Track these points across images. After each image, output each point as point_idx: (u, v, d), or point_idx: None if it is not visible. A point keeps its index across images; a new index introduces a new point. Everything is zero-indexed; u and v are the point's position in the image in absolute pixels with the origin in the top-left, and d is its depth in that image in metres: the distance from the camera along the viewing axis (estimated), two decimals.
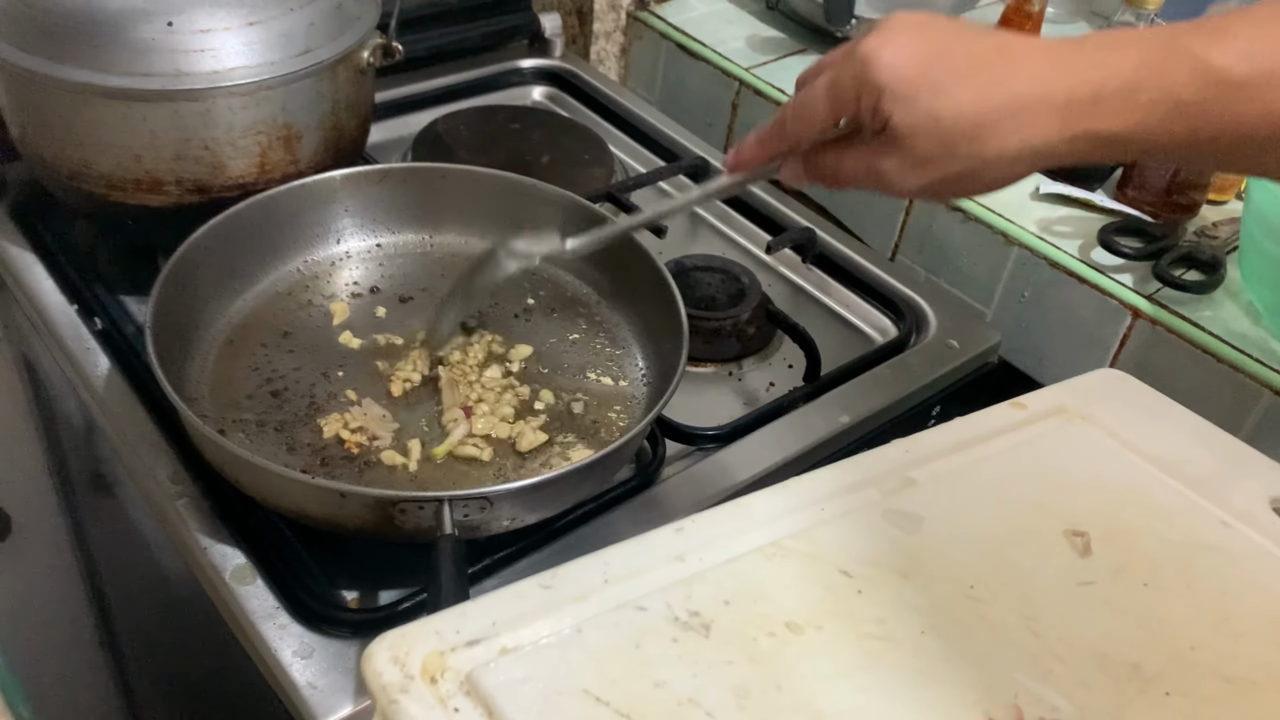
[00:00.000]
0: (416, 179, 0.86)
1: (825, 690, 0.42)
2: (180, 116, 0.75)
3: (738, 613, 0.44)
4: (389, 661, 0.37)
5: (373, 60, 0.85)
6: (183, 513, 0.68)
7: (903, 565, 0.50)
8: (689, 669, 0.41)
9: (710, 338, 0.87)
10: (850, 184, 0.55)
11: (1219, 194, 1.06)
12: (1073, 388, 0.66)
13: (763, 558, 0.48)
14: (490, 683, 0.37)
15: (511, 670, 0.38)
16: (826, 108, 0.53)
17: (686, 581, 0.45)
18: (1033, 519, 0.55)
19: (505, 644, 0.40)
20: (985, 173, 0.51)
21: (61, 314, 0.81)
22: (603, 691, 0.38)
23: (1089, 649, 0.48)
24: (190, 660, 0.90)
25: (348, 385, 0.75)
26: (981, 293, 1.02)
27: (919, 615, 0.47)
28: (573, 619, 0.42)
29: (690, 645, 0.42)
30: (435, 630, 0.39)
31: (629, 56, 1.35)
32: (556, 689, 0.38)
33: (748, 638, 0.44)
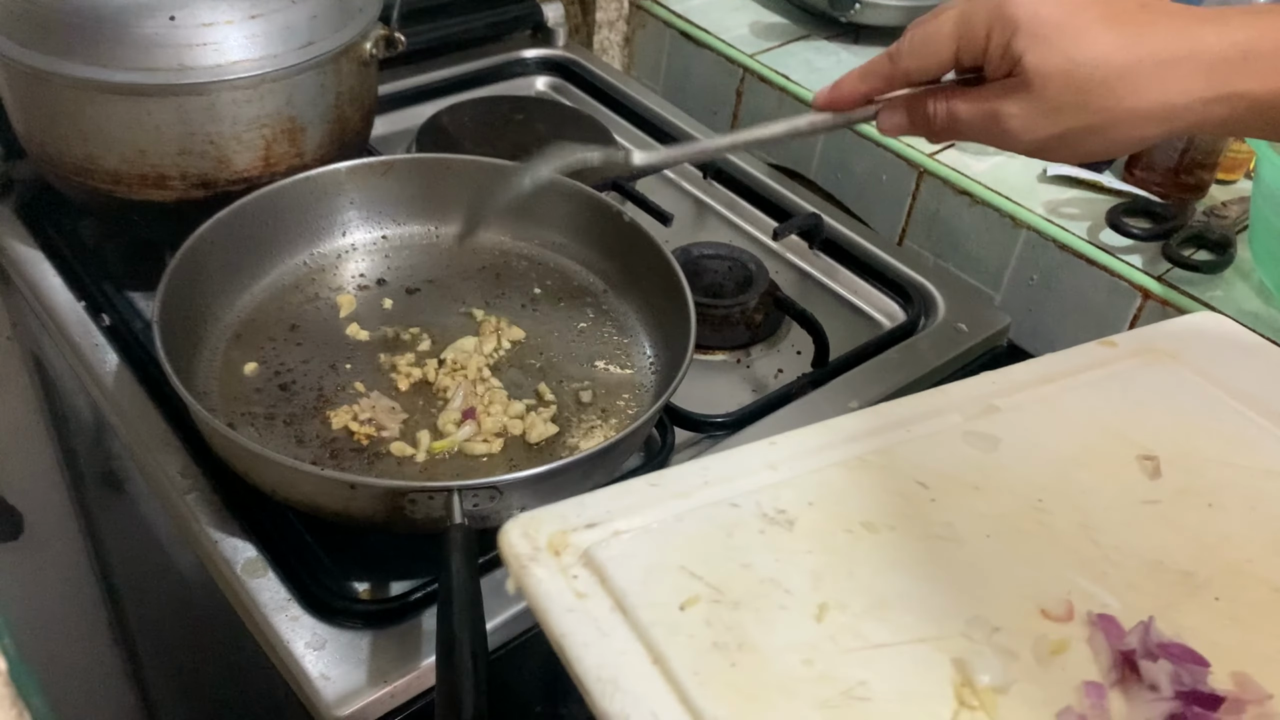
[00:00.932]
0: (421, 170, 0.86)
1: (892, 578, 0.46)
2: (184, 111, 0.75)
3: (819, 512, 0.49)
4: (521, 536, 0.44)
5: (376, 52, 0.85)
6: (193, 507, 0.68)
7: (976, 479, 0.53)
8: (772, 555, 0.46)
9: (718, 325, 0.87)
10: (962, 133, 0.51)
11: (1228, 173, 1.05)
12: (1166, 328, 0.67)
13: (846, 469, 0.52)
14: (603, 556, 0.43)
15: (621, 547, 0.44)
16: (951, 42, 0.49)
17: (775, 485, 0.50)
18: (1107, 443, 0.57)
19: (618, 527, 0.46)
20: (1114, 129, 0.48)
21: (69, 311, 0.82)
22: (696, 568, 0.44)
23: (1144, 557, 0.50)
24: (203, 653, 0.91)
25: (356, 377, 0.75)
26: (990, 276, 1.02)
27: (985, 521, 0.51)
28: (675, 510, 0.48)
29: (775, 536, 0.47)
30: (560, 514, 0.45)
31: (632, 45, 1.34)
32: (658, 563, 0.44)
33: (826, 533, 0.48)
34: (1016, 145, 0.50)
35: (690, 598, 0.43)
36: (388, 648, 0.61)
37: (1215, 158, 1.01)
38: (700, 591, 0.44)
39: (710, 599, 0.44)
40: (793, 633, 0.43)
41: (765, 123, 0.58)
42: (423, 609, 0.63)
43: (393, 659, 0.60)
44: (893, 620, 0.45)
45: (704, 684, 0.40)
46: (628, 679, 0.39)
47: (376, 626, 0.62)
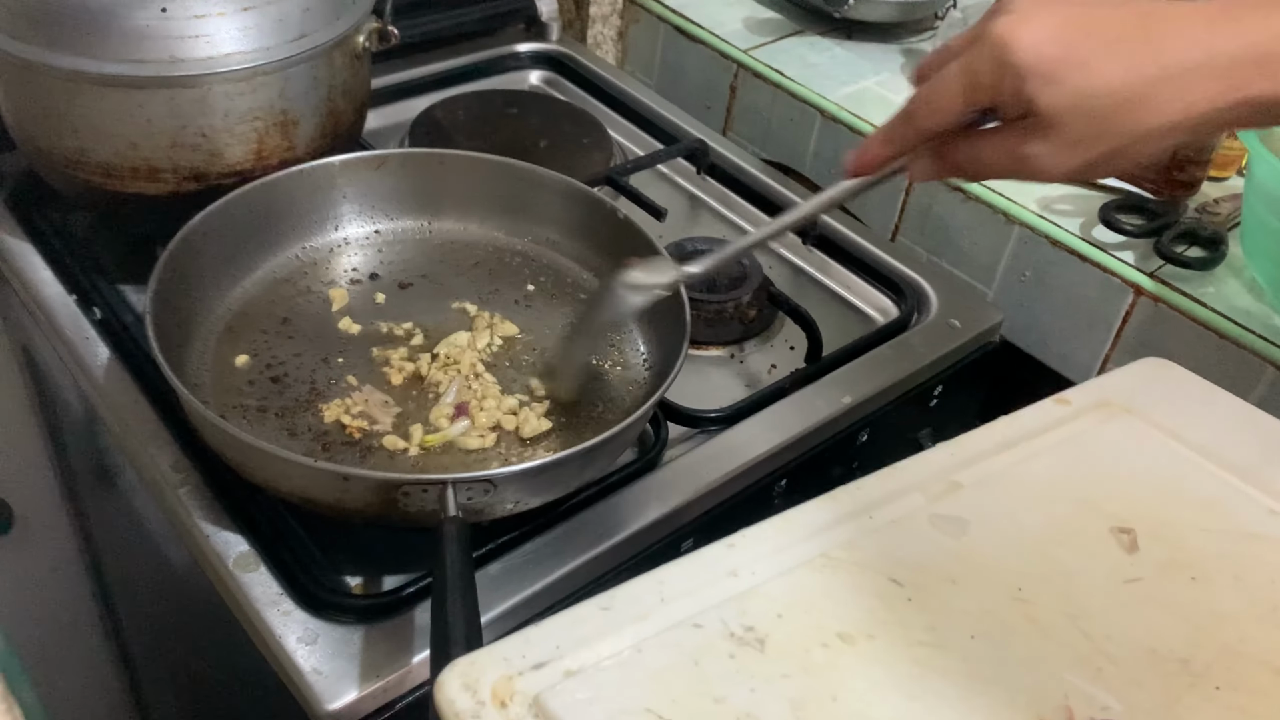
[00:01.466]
0: (415, 164, 0.86)
1: (878, 698, 0.43)
2: (176, 103, 0.75)
3: (791, 625, 0.46)
4: (460, 689, 0.39)
5: (369, 45, 0.85)
6: (185, 501, 0.68)
7: (950, 570, 0.50)
8: (746, 684, 0.42)
9: (712, 320, 0.87)
10: (992, 174, 0.51)
11: (1220, 170, 1.05)
12: (1116, 380, 0.66)
13: (813, 569, 0.49)
14: (557, 705, 0.38)
15: (577, 691, 0.40)
16: (961, 97, 0.49)
17: (740, 597, 0.47)
18: (1078, 517, 0.55)
19: (569, 666, 0.41)
20: (1139, 146, 0.48)
21: (60, 304, 0.81)
22: (664, 709, 0.39)
23: (1138, 646, 0.48)
24: (195, 648, 0.90)
25: (348, 371, 0.75)
26: (983, 272, 1.02)
27: (968, 619, 0.48)
28: (632, 639, 0.43)
29: (747, 660, 0.43)
30: (503, 656, 0.41)
31: (626, 40, 1.34)
32: (621, 708, 0.39)
33: (802, 650, 0.45)
34: (1048, 179, 0.50)
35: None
36: (380, 642, 0.61)
37: (1208, 155, 1.01)
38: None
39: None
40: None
41: (804, 202, 0.60)
42: (416, 603, 0.63)
43: (385, 653, 0.60)
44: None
45: None
46: None
47: (369, 621, 0.62)
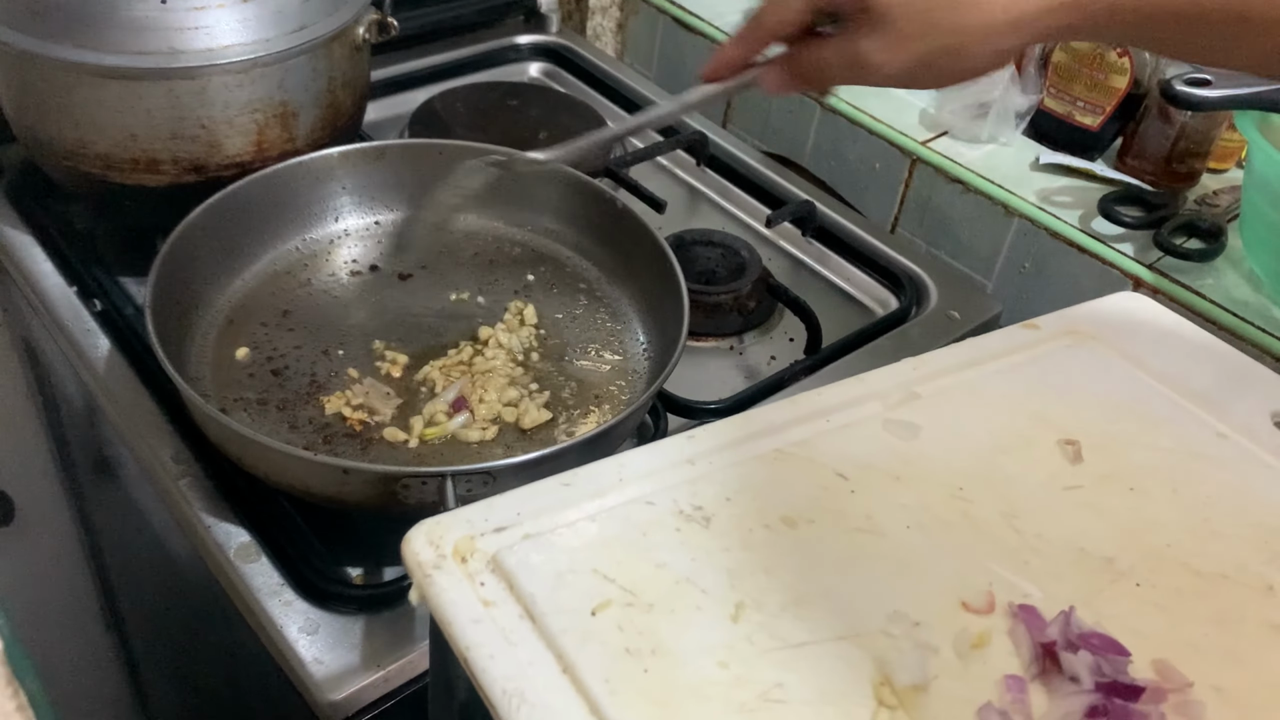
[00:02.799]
0: (414, 156, 0.86)
1: (810, 575, 0.45)
2: (176, 95, 0.75)
3: (737, 508, 0.48)
4: (425, 544, 0.42)
5: (368, 36, 0.84)
6: (186, 492, 0.68)
7: (896, 469, 0.52)
8: (688, 554, 0.45)
9: (711, 312, 0.87)
10: (835, 79, 0.53)
11: (1219, 162, 1.05)
12: (1089, 310, 0.67)
13: (765, 461, 0.51)
14: (511, 562, 0.42)
15: (531, 552, 0.43)
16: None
17: (693, 481, 0.49)
18: (1028, 428, 0.56)
19: (527, 531, 0.44)
20: (969, 48, 0.49)
21: (61, 296, 0.81)
22: (609, 570, 0.43)
23: (1066, 544, 0.50)
24: (196, 639, 0.91)
25: (348, 363, 0.75)
26: (982, 264, 1.02)
27: (906, 512, 0.50)
28: (588, 511, 0.46)
29: (691, 534, 0.46)
30: (466, 519, 0.44)
31: (626, 31, 1.34)
32: (570, 568, 0.43)
33: (744, 529, 0.47)
34: (881, 78, 0.51)
35: (602, 602, 0.42)
36: (381, 632, 0.61)
37: (1207, 146, 1.01)
38: (613, 595, 0.42)
39: (623, 602, 0.42)
40: (708, 635, 0.42)
41: (658, 105, 0.63)
42: None
43: (386, 643, 0.60)
44: (811, 619, 0.43)
45: (615, 692, 0.38)
46: (536, 690, 0.38)
47: (369, 611, 0.62)
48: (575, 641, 0.40)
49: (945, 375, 0.59)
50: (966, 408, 0.57)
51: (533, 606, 0.41)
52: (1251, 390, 0.61)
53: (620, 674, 0.39)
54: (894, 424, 0.55)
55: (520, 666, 0.39)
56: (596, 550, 0.44)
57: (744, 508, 0.48)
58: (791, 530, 0.48)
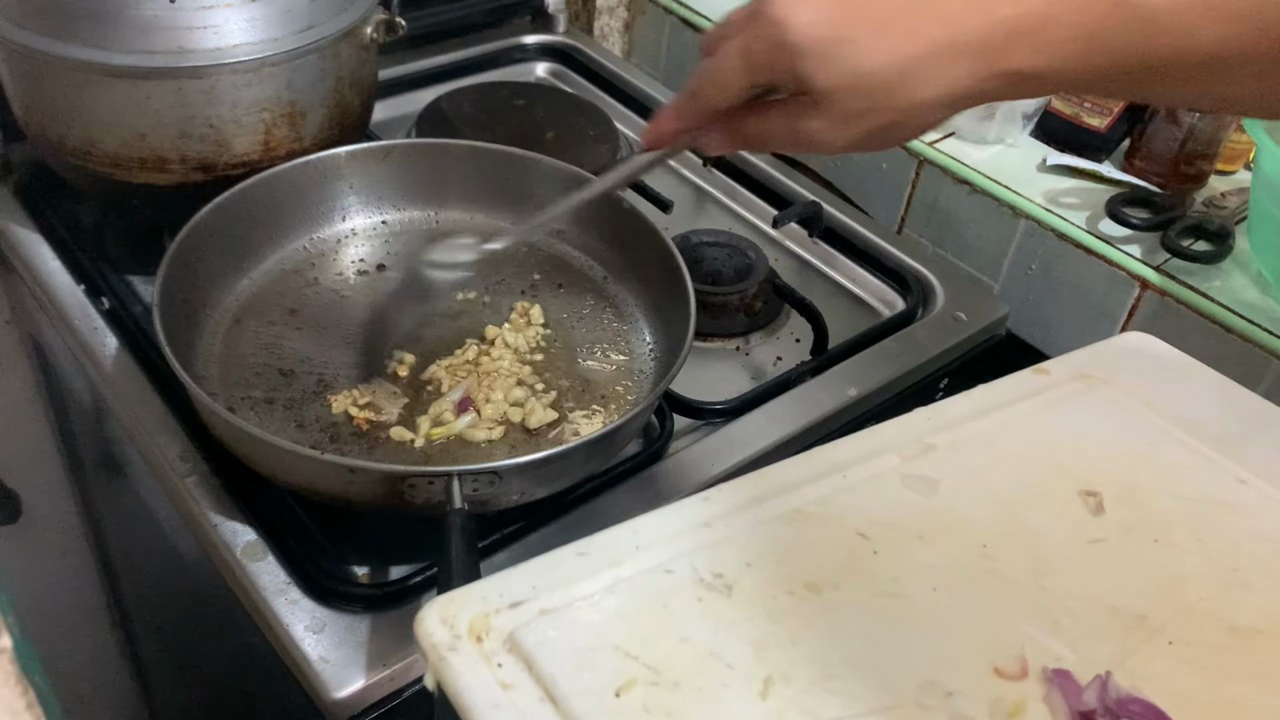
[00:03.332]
0: (421, 155, 0.86)
1: (838, 643, 0.44)
2: (184, 94, 0.75)
3: (759, 574, 0.47)
4: (439, 623, 0.41)
5: (376, 36, 0.85)
6: (193, 491, 0.68)
7: (919, 526, 0.51)
8: (712, 625, 0.44)
9: (717, 312, 0.87)
10: (777, 147, 0.54)
11: (1227, 164, 1.05)
12: (1097, 352, 0.66)
13: (784, 523, 0.50)
14: (530, 641, 0.41)
15: (549, 629, 0.41)
16: (741, 75, 0.51)
17: (712, 546, 0.48)
18: (1048, 480, 0.56)
19: (544, 606, 0.43)
20: (910, 120, 0.50)
21: (69, 294, 0.82)
22: (632, 647, 0.41)
23: (1096, 602, 0.49)
24: (202, 637, 0.91)
25: (355, 363, 0.75)
26: (989, 265, 1.02)
27: (932, 573, 0.49)
28: (605, 582, 0.45)
29: (714, 604, 0.45)
30: (481, 595, 0.43)
31: (633, 32, 1.34)
32: (590, 645, 0.41)
33: (768, 597, 0.46)
34: (828, 150, 0.52)
35: (626, 681, 0.41)
36: (387, 631, 0.61)
37: (1215, 148, 1.01)
38: (636, 673, 0.41)
39: (648, 681, 0.41)
40: (738, 713, 0.41)
41: (606, 174, 0.63)
42: (422, 593, 0.64)
43: (392, 643, 0.61)
44: (842, 691, 0.43)
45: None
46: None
47: (376, 610, 0.62)
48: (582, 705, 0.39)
49: (959, 425, 0.58)
50: (983, 459, 0.57)
51: (554, 689, 0.40)
52: (1268, 432, 0.60)
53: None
54: (912, 479, 0.54)
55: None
56: (616, 625, 0.43)
57: (766, 574, 0.47)
58: (816, 596, 0.47)
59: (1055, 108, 1.07)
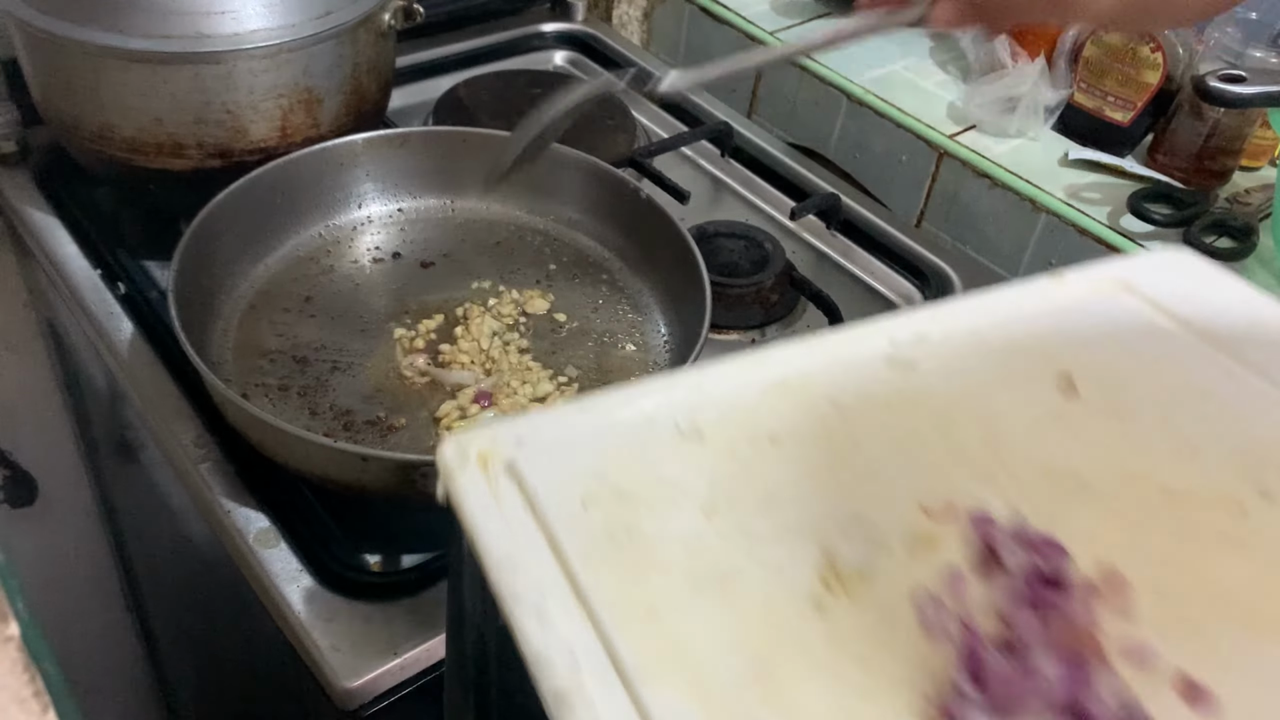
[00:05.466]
0: (438, 143, 0.86)
1: (785, 484, 0.49)
2: (201, 79, 0.75)
3: (731, 427, 0.51)
4: (455, 451, 0.48)
5: (394, 23, 0.84)
6: (206, 477, 0.68)
7: (889, 398, 0.54)
8: (679, 463, 0.49)
9: (733, 304, 0.86)
10: (1023, 15, 0.47)
11: (1251, 160, 1.04)
12: (1126, 261, 0.65)
13: (766, 389, 0.54)
14: (524, 467, 0.47)
15: (541, 460, 0.48)
16: None
17: (697, 404, 0.52)
18: (1029, 367, 0.56)
19: (541, 444, 0.49)
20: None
21: (85, 279, 0.82)
22: (605, 474, 0.48)
23: (1039, 464, 0.50)
24: (214, 622, 0.91)
25: (371, 350, 0.75)
26: (1008, 260, 1.01)
27: (890, 434, 0.51)
28: (597, 426, 0.51)
29: (684, 448, 0.50)
30: (491, 435, 0.49)
31: (651, 21, 1.34)
32: (571, 470, 0.48)
33: (733, 444, 0.50)
34: (1088, 16, 0.46)
35: (593, 496, 0.47)
36: (398, 620, 0.61)
37: (1239, 144, 1.00)
38: (604, 492, 0.47)
39: (612, 498, 0.47)
40: (681, 526, 0.46)
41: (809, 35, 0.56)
42: (433, 582, 0.64)
43: (403, 631, 0.60)
44: (777, 517, 0.46)
45: (589, 564, 0.44)
46: (526, 562, 0.44)
47: (387, 599, 0.62)
48: (564, 527, 0.45)
49: (957, 318, 0.59)
50: (971, 348, 0.57)
51: (534, 499, 0.46)
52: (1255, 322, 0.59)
53: (597, 552, 0.45)
54: (897, 360, 0.56)
55: (517, 545, 0.44)
56: (597, 456, 0.49)
57: (737, 427, 0.51)
58: (776, 447, 0.50)
59: (1077, 102, 1.06)
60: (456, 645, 0.52)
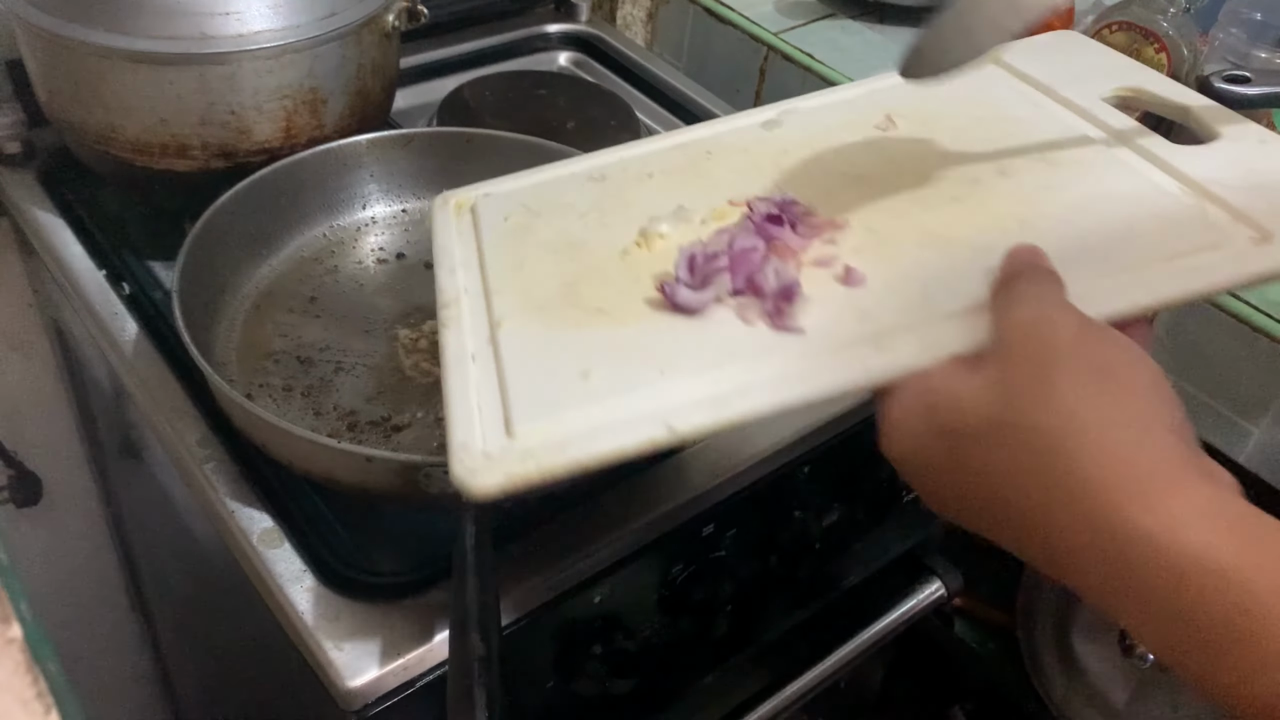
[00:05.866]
0: (442, 144, 0.86)
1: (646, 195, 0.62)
2: (206, 80, 0.75)
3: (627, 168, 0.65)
4: (442, 201, 0.65)
5: (398, 24, 0.84)
6: (210, 477, 0.68)
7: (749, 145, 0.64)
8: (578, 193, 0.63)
9: None
10: None
11: None
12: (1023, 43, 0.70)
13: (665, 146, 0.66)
14: (479, 206, 0.64)
15: (492, 200, 0.64)
16: None
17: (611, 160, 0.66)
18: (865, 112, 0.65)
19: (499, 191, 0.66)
20: None
21: (90, 279, 0.82)
22: (530, 204, 0.63)
23: (838, 172, 0.60)
24: (219, 622, 0.91)
25: (374, 351, 0.75)
26: None
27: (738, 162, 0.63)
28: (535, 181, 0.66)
29: (588, 185, 0.64)
30: (467, 191, 0.66)
31: (656, 21, 1.34)
32: (509, 203, 0.63)
33: (622, 180, 0.64)
34: None
35: (513, 213, 0.62)
36: (401, 621, 0.61)
37: None
38: (520, 211, 0.62)
39: (523, 212, 0.62)
40: (561, 225, 0.61)
41: None
42: (437, 583, 0.64)
43: (406, 632, 0.61)
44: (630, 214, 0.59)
45: (493, 247, 0.60)
46: (458, 257, 0.60)
47: (391, 599, 0.62)
48: (488, 229, 0.62)
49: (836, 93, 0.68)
50: (829, 109, 0.66)
51: (478, 222, 0.63)
52: (1102, 77, 0.64)
53: (501, 241, 0.60)
54: (770, 123, 0.66)
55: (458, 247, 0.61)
56: (531, 196, 0.64)
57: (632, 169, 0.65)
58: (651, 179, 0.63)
59: None
60: (459, 646, 0.52)
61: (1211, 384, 0.90)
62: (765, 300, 0.50)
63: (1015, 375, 0.41)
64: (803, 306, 0.50)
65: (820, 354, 0.48)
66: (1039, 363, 0.40)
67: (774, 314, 0.50)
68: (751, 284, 0.51)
